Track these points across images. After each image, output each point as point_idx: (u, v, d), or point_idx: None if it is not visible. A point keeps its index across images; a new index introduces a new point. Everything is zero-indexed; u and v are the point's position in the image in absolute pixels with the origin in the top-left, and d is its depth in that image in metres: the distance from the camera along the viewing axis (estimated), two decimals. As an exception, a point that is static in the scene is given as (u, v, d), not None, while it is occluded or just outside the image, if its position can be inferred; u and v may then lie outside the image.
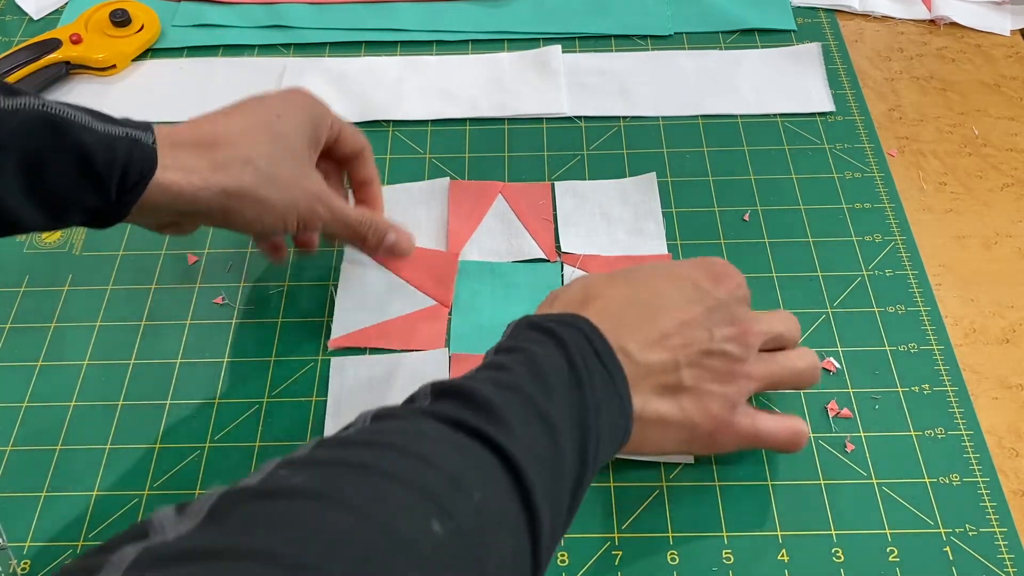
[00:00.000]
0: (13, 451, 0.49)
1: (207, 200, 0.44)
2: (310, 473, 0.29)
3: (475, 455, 0.32)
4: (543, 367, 0.37)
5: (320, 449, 0.31)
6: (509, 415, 0.34)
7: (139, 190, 0.42)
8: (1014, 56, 0.68)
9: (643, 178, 0.60)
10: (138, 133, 0.42)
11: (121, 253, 0.58)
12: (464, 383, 0.35)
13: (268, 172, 0.45)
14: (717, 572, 0.43)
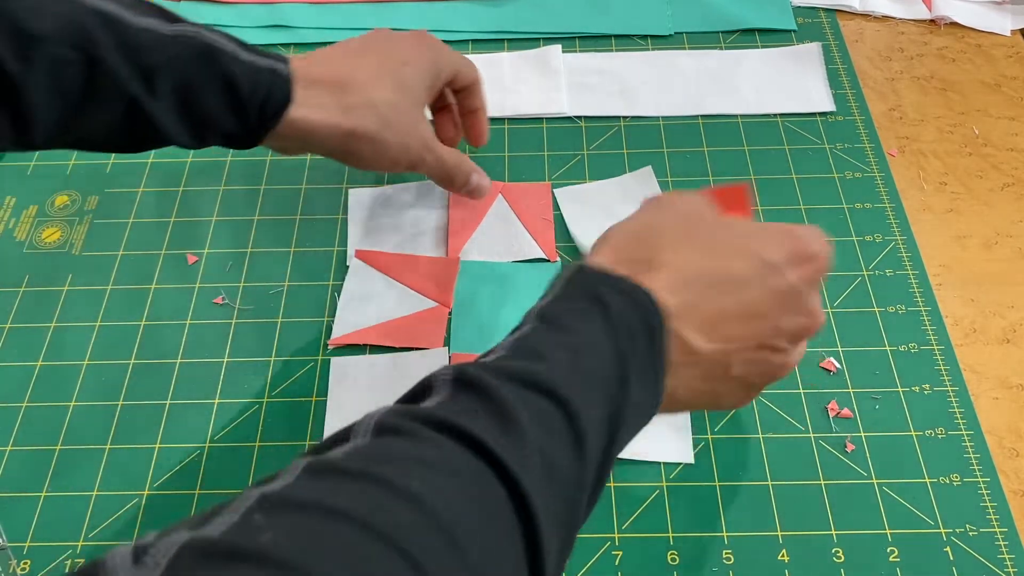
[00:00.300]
0: (13, 451, 0.49)
1: (332, 138, 0.48)
2: (284, 527, 0.25)
3: (480, 490, 0.29)
4: (585, 361, 0.33)
5: (304, 480, 0.27)
6: (531, 427, 0.31)
7: (274, 122, 0.46)
8: (1014, 56, 0.68)
9: (641, 172, 0.60)
10: (278, 66, 0.46)
11: (121, 253, 0.58)
12: (486, 377, 0.32)
13: (389, 119, 0.49)
14: (717, 572, 0.43)
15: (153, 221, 0.60)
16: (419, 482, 0.27)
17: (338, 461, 0.28)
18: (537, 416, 0.31)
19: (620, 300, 0.35)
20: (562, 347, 0.34)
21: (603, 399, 0.33)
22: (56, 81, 0.41)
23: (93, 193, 0.61)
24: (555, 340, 0.34)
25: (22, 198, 0.61)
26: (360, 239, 0.57)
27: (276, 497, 0.26)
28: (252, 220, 0.59)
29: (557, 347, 0.34)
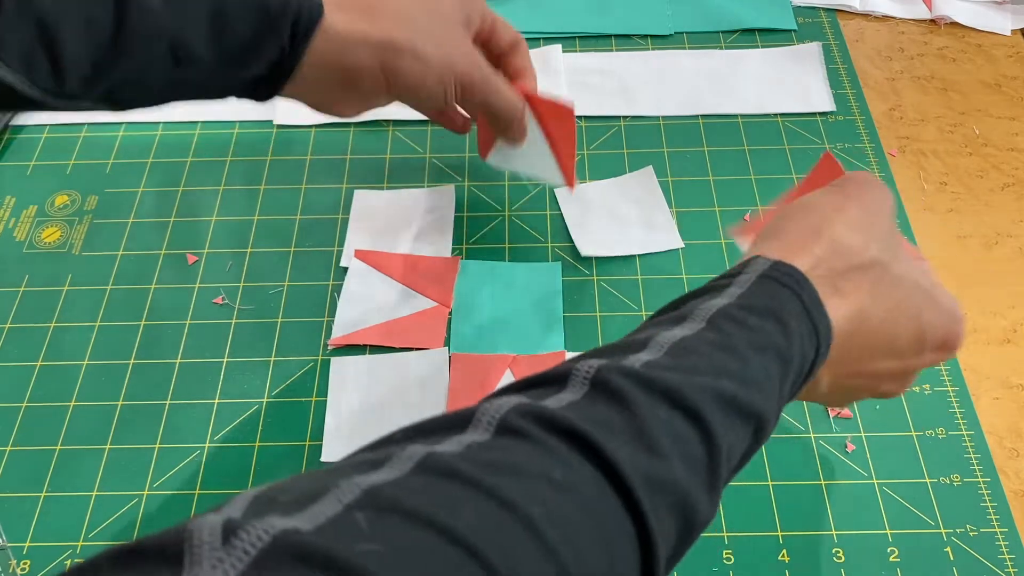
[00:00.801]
0: (13, 451, 0.49)
1: (369, 55, 0.45)
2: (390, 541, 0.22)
3: (604, 522, 0.27)
4: (744, 393, 0.31)
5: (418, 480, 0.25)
6: (671, 463, 0.28)
7: (306, 40, 0.43)
8: (1015, 56, 0.68)
9: (641, 172, 0.60)
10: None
11: (121, 253, 0.58)
12: (631, 391, 0.29)
13: (426, 29, 0.46)
14: (717, 572, 0.43)
15: (153, 221, 0.59)
16: (540, 508, 0.25)
17: (456, 461, 0.26)
18: (678, 444, 0.29)
19: (804, 336, 0.33)
20: (727, 375, 0.31)
21: (748, 436, 0.32)
22: (86, 17, 0.39)
23: (93, 193, 0.61)
24: (722, 362, 0.31)
25: (22, 198, 0.61)
26: (360, 240, 0.57)
27: (384, 496, 0.24)
28: (252, 220, 0.59)
29: (722, 373, 0.31)
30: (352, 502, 0.23)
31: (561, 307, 0.53)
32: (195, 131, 0.65)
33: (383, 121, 0.64)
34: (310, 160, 0.62)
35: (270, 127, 0.65)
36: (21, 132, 0.65)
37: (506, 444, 0.27)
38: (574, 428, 0.27)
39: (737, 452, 0.32)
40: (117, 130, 0.65)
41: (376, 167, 0.62)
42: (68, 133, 0.65)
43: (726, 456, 0.31)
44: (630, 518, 0.27)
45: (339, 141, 0.64)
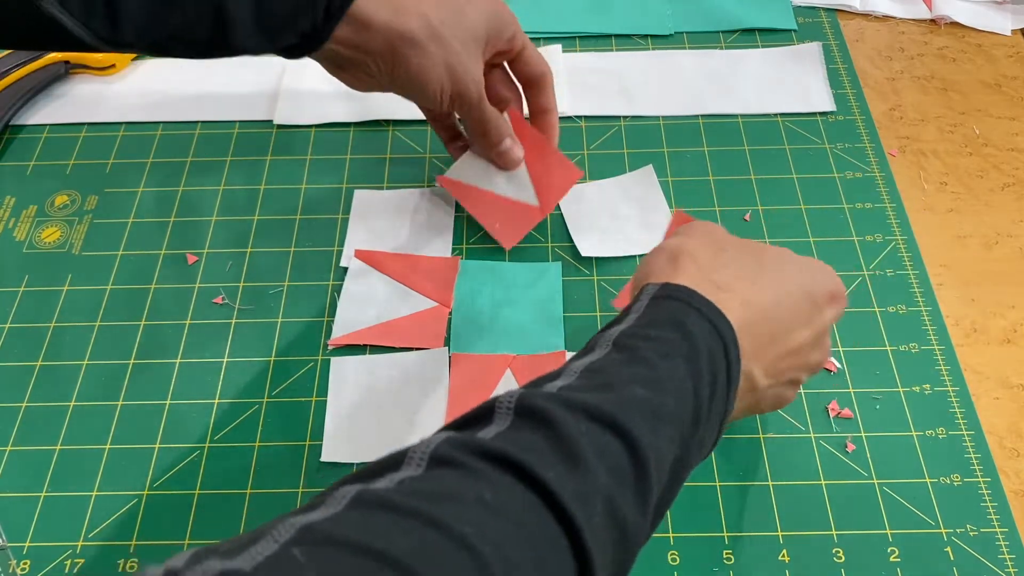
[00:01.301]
0: (13, 451, 0.49)
1: (384, 40, 0.48)
2: (327, 570, 0.24)
3: (537, 536, 0.28)
4: (662, 400, 0.32)
5: (351, 513, 0.26)
6: (595, 476, 0.29)
7: (339, 15, 0.46)
8: (1015, 56, 0.68)
9: (641, 172, 0.60)
10: None
11: (121, 253, 0.58)
12: (554, 411, 0.30)
13: (440, 32, 0.48)
14: (717, 572, 0.43)
15: (153, 221, 0.59)
16: (472, 527, 0.26)
17: (389, 494, 0.27)
18: (603, 456, 0.30)
19: (705, 334, 0.35)
20: (638, 382, 0.32)
21: (674, 440, 0.32)
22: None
23: (93, 193, 0.61)
24: (631, 373, 0.33)
25: (22, 198, 0.61)
26: (360, 239, 0.57)
27: (319, 530, 0.25)
28: (252, 220, 0.59)
29: (633, 381, 0.32)
30: (288, 540, 0.24)
31: (561, 307, 0.53)
32: (195, 131, 0.65)
33: (383, 121, 0.64)
34: (310, 160, 0.62)
35: (270, 127, 0.65)
36: (21, 132, 0.65)
37: (438, 474, 0.28)
38: (504, 453, 0.28)
39: (667, 457, 0.32)
40: (117, 130, 0.65)
41: (376, 167, 0.62)
42: (68, 133, 0.65)
43: (655, 464, 0.31)
44: (564, 533, 0.28)
45: (339, 141, 0.64)
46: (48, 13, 0.41)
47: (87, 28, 0.43)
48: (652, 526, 0.32)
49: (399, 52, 0.48)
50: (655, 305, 0.36)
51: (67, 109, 0.66)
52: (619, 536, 0.30)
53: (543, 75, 0.54)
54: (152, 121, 0.65)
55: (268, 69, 0.68)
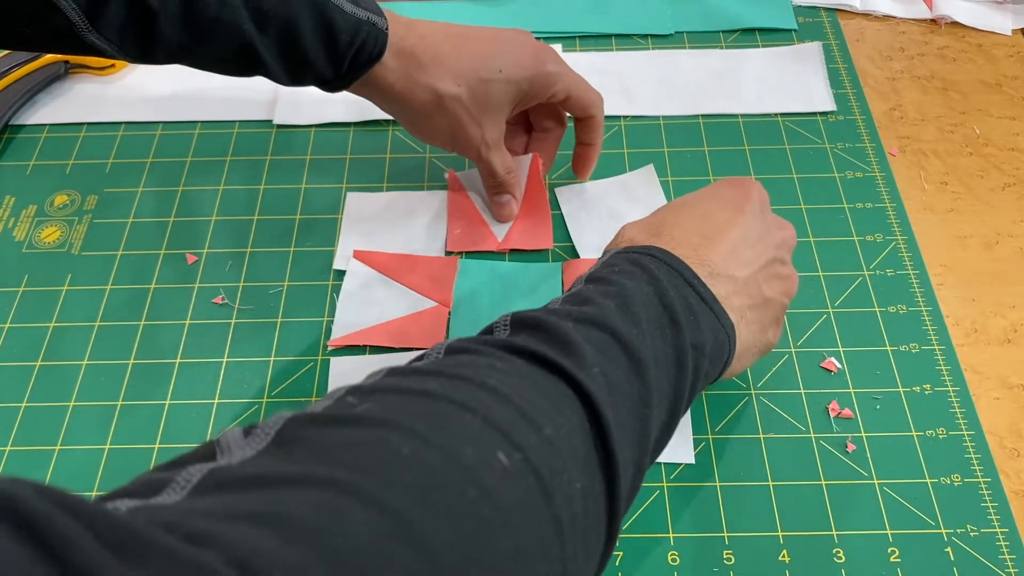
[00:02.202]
0: (13, 451, 0.49)
1: (391, 100, 0.52)
2: (376, 401, 0.28)
3: (549, 388, 0.31)
4: (633, 301, 0.36)
5: (389, 378, 0.31)
6: (589, 351, 0.33)
7: (362, 73, 0.49)
8: (1015, 56, 0.68)
9: (643, 171, 0.60)
10: (376, 19, 0.49)
11: (121, 253, 0.58)
12: (545, 317, 0.34)
13: (449, 109, 0.51)
14: (717, 572, 0.43)
15: (152, 221, 0.59)
16: (491, 379, 0.30)
17: (418, 366, 0.32)
18: (593, 342, 0.34)
19: (651, 261, 0.39)
20: (609, 296, 0.36)
21: (657, 337, 0.36)
22: (188, 15, 0.45)
23: (92, 193, 0.61)
24: (602, 291, 0.37)
25: (21, 198, 0.61)
26: (354, 242, 0.57)
27: (366, 387, 0.30)
28: (252, 220, 0.59)
29: (605, 296, 0.36)
30: (343, 395, 0.29)
31: (561, 307, 0.53)
32: (195, 131, 0.65)
33: (383, 121, 0.64)
34: (310, 160, 0.62)
35: (270, 127, 0.65)
36: (21, 132, 0.65)
37: (457, 357, 0.33)
38: (508, 342, 0.33)
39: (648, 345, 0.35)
40: (117, 130, 0.65)
41: (376, 167, 0.62)
42: (68, 133, 0.65)
43: (638, 347, 0.35)
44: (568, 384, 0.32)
45: (339, 141, 0.64)
46: (88, 41, 0.45)
47: (122, 52, 0.46)
48: (671, 408, 0.36)
49: (406, 115, 0.53)
50: (609, 256, 0.41)
51: (67, 109, 0.66)
52: (623, 400, 0.33)
53: (591, 117, 0.56)
54: (152, 121, 0.65)
55: (268, 69, 0.68)
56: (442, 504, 0.25)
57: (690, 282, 0.39)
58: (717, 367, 0.39)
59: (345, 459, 0.25)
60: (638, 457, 0.33)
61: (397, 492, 0.24)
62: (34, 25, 0.44)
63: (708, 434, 0.48)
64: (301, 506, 0.23)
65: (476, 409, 0.28)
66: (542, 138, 0.58)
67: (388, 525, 0.24)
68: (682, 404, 0.36)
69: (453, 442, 0.27)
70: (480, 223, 0.58)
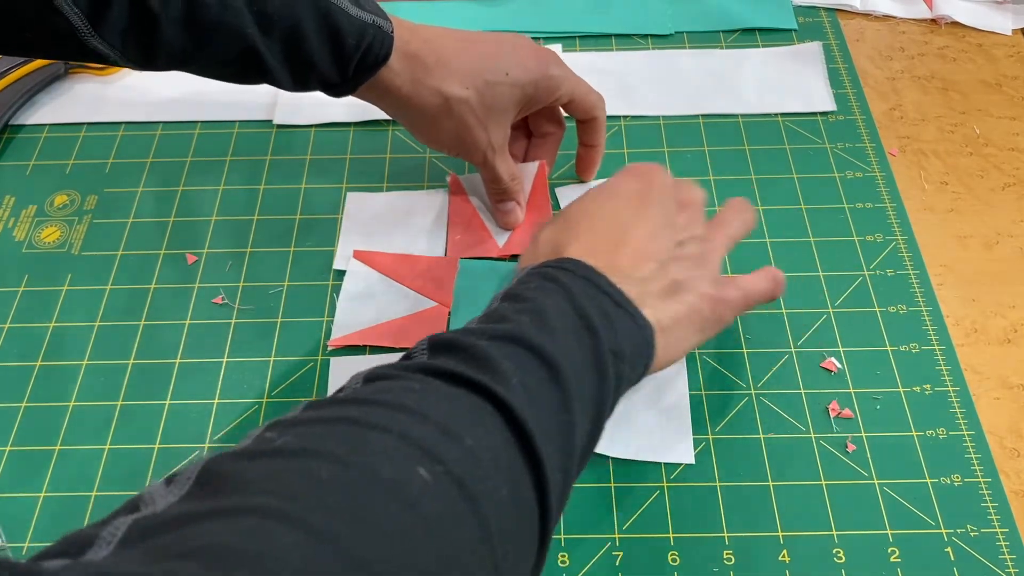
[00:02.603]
0: (13, 451, 0.49)
1: (397, 104, 0.51)
2: (294, 433, 0.29)
3: (468, 404, 0.32)
4: (548, 315, 0.37)
5: (307, 411, 0.31)
6: (507, 365, 0.33)
7: (368, 76, 0.49)
8: (1015, 56, 0.68)
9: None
10: (381, 22, 0.48)
11: (120, 253, 0.58)
12: (461, 337, 0.35)
13: (455, 112, 0.51)
14: (717, 572, 0.43)
15: (152, 221, 0.59)
16: (409, 401, 0.31)
17: (336, 397, 0.33)
18: (511, 357, 0.34)
19: (563, 273, 0.40)
20: (524, 312, 0.37)
21: (575, 347, 0.36)
22: (190, 19, 0.45)
23: (92, 193, 0.61)
24: (517, 307, 0.38)
25: (21, 198, 0.61)
26: (354, 242, 0.57)
27: (284, 421, 0.30)
28: (252, 220, 0.59)
29: (520, 312, 0.37)
30: (260, 432, 0.29)
31: (561, 307, 0.53)
32: (195, 131, 0.65)
33: (383, 121, 0.64)
34: (310, 160, 0.62)
35: (270, 127, 0.65)
36: (21, 132, 0.65)
37: (374, 384, 0.33)
38: (425, 365, 0.34)
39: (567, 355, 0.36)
40: (117, 130, 0.65)
41: (376, 167, 0.62)
42: (68, 133, 0.65)
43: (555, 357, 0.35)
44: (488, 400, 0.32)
45: (339, 141, 0.64)
46: (91, 46, 0.44)
47: (124, 57, 0.46)
48: (594, 414, 0.36)
49: (410, 118, 0.52)
50: (522, 274, 0.42)
51: (67, 109, 0.66)
52: (544, 409, 0.34)
53: (594, 119, 0.56)
54: (152, 121, 0.65)
55: (268, 69, 0.68)
56: (367, 519, 0.26)
57: (604, 290, 0.39)
58: (639, 368, 0.40)
59: (268, 488, 0.26)
60: (565, 462, 0.34)
61: (321, 512, 0.25)
62: (35, 29, 0.43)
63: (708, 434, 0.48)
64: (228, 536, 0.24)
65: (392, 429, 0.29)
66: (541, 143, 0.58)
67: (317, 544, 0.24)
68: (606, 409, 0.37)
69: (372, 461, 0.28)
70: (481, 228, 0.57)
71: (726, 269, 0.55)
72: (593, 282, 0.39)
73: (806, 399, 0.49)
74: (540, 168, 0.58)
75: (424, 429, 0.30)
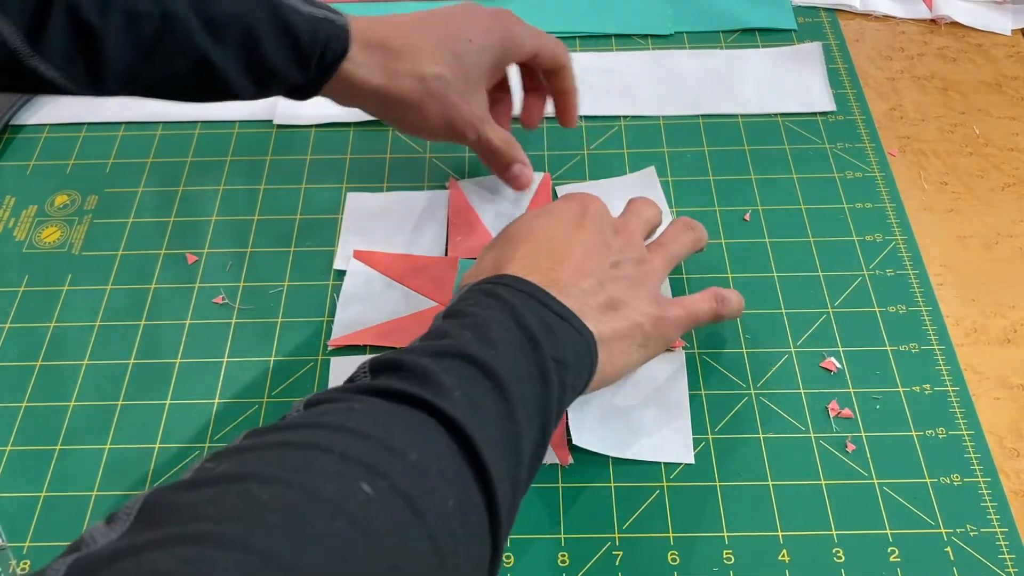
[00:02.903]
0: (13, 451, 0.49)
1: (377, 100, 0.50)
2: (234, 460, 0.29)
3: (411, 420, 0.32)
4: (489, 328, 0.37)
5: (248, 439, 0.31)
6: (448, 379, 0.34)
7: (330, 73, 0.48)
8: (1015, 56, 0.68)
9: (643, 173, 0.60)
10: (334, 16, 0.47)
11: (121, 253, 0.58)
12: (401, 356, 0.35)
13: (434, 91, 0.50)
14: (717, 572, 0.43)
15: (153, 221, 0.59)
16: (350, 422, 0.31)
17: (276, 424, 0.32)
18: (452, 371, 0.35)
19: (503, 288, 0.40)
20: (465, 327, 0.37)
21: (518, 358, 0.37)
22: (132, 32, 0.43)
23: (93, 193, 0.61)
24: (458, 323, 0.38)
25: (22, 198, 0.61)
26: (354, 242, 0.57)
27: (224, 451, 0.30)
28: (252, 220, 0.59)
29: (461, 327, 0.37)
30: (200, 463, 0.29)
31: (561, 307, 0.53)
32: (195, 131, 0.65)
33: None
34: (310, 160, 0.62)
35: (270, 127, 0.65)
36: (21, 132, 0.65)
37: (316, 408, 0.33)
38: (367, 386, 0.34)
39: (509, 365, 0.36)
40: (117, 130, 0.65)
41: (376, 167, 0.62)
42: (68, 133, 0.65)
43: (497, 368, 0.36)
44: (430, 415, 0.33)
45: (339, 141, 0.64)
46: (31, 67, 0.42)
47: (71, 81, 0.44)
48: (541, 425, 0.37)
49: (394, 111, 0.51)
50: (462, 292, 0.42)
51: (67, 109, 0.66)
52: (489, 419, 0.34)
53: (561, 67, 0.55)
54: (152, 121, 0.65)
55: (268, 69, 0.68)
56: (309, 535, 0.26)
57: (544, 302, 0.40)
58: (583, 376, 0.40)
59: (207, 514, 0.26)
60: (512, 470, 0.34)
61: (261, 533, 0.25)
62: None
63: (708, 434, 0.48)
64: (166, 565, 0.24)
65: (333, 449, 0.29)
66: (495, 111, 0.58)
67: (256, 562, 0.24)
68: (551, 417, 0.37)
69: (313, 480, 0.28)
70: (483, 232, 0.57)
71: (726, 270, 0.55)
72: (533, 295, 0.40)
73: (806, 399, 0.49)
74: (544, 179, 0.59)
75: (366, 446, 0.30)
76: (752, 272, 0.55)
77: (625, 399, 0.49)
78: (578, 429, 0.47)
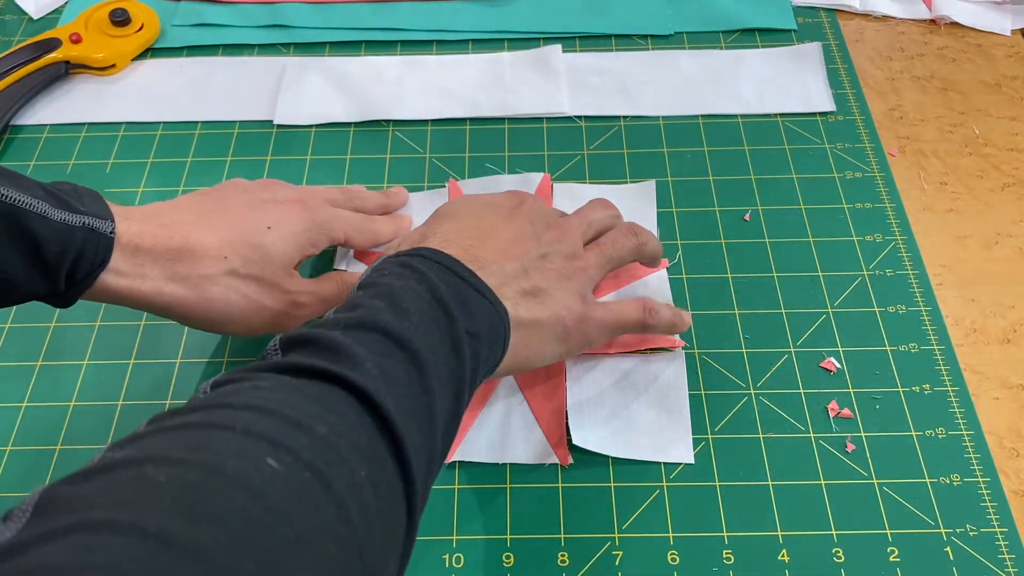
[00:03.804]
0: (13, 451, 0.49)
1: (153, 305, 0.45)
2: (134, 446, 0.28)
3: (320, 394, 0.32)
4: (403, 299, 0.37)
5: (150, 424, 0.30)
6: (360, 351, 0.33)
7: (87, 283, 0.43)
8: (1015, 56, 0.68)
9: (643, 185, 0.59)
10: (97, 223, 0.42)
11: (121, 253, 0.58)
12: (312, 331, 0.35)
13: (234, 287, 0.45)
14: (717, 572, 0.43)
15: (153, 221, 0.59)
16: (255, 399, 0.30)
17: (180, 407, 0.31)
18: (365, 343, 0.34)
19: (417, 259, 0.40)
20: (378, 297, 0.37)
21: (432, 328, 0.37)
22: None
23: (93, 193, 0.61)
24: (371, 294, 0.37)
25: (22, 198, 0.61)
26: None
27: (125, 438, 0.29)
28: (252, 220, 0.59)
29: (374, 298, 0.37)
30: (101, 454, 0.28)
31: (561, 307, 0.53)
32: (195, 131, 0.65)
33: (383, 121, 0.64)
34: (310, 160, 0.62)
35: (270, 127, 0.65)
36: (21, 132, 0.65)
37: (222, 388, 0.32)
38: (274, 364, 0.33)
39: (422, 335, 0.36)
40: (117, 130, 0.65)
41: (376, 167, 0.62)
42: (68, 133, 0.65)
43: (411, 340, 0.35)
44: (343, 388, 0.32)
45: (339, 141, 0.64)
46: None
47: None
48: (454, 395, 0.36)
49: (178, 316, 0.46)
50: (378, 263, 0.41)
51: (67, 109, 0.66)
52: (403, 389, 0.34)
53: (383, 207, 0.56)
54: (152, 121, 0.65)
55: (268, 69, 0.68)
56: (207, 513, 0.25)
57: (460, 275, 0.40)
58: (497, 350, 0.40)
59: (101, 502, 0.25)
60: (427, 440, 0.34)
61: (156, 514, 0.25)
62: None
63: (708, 434, 0.48)
64: (55, 556, 0.23)
65: (235, 427, 0.28)
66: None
67: (150, 544, 0.24)
68: (465, 388, 0.37)
69: (214, 458, 0.27)
70: None
71: (726, 270, 0.55)
72: (448, 267, 0.40)
73: (805, 399, 0.49)
74: (544, 179, 0.59)
75: (271, 422, 0.29)
76: (752, 272, 0.55)
77: (625, 399, 0.49)
78: (578, 429, 0.47)
